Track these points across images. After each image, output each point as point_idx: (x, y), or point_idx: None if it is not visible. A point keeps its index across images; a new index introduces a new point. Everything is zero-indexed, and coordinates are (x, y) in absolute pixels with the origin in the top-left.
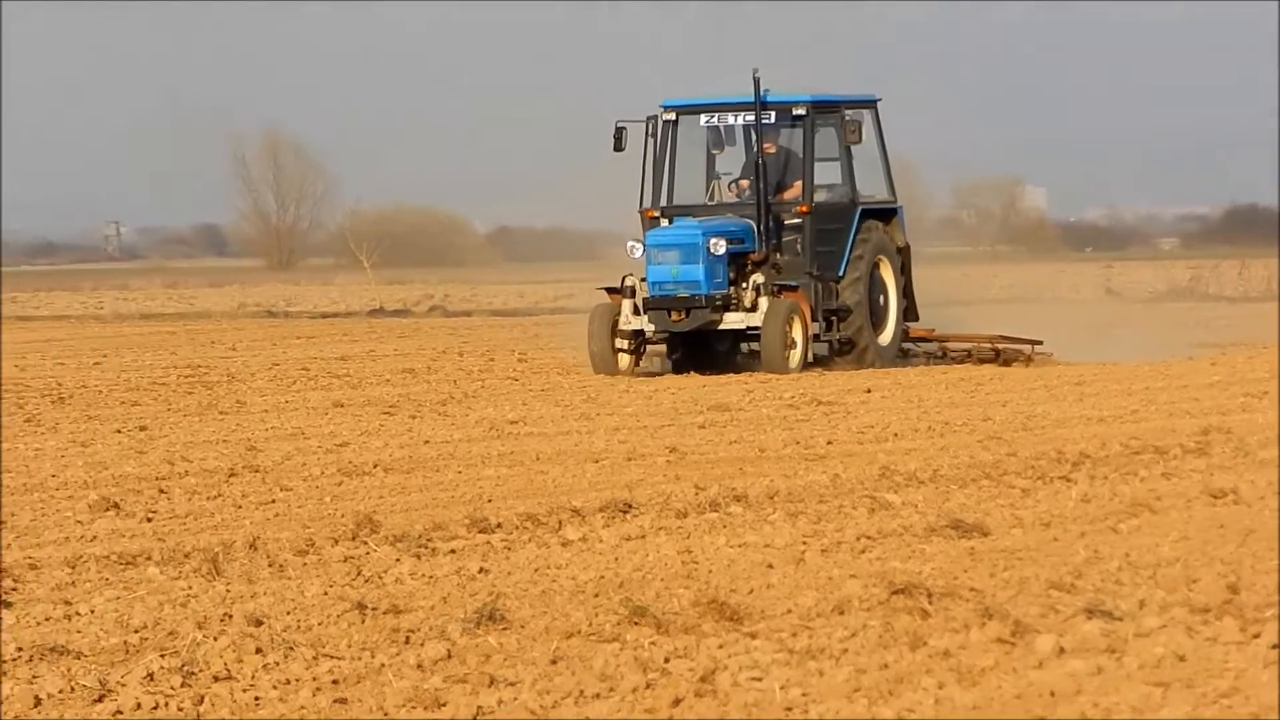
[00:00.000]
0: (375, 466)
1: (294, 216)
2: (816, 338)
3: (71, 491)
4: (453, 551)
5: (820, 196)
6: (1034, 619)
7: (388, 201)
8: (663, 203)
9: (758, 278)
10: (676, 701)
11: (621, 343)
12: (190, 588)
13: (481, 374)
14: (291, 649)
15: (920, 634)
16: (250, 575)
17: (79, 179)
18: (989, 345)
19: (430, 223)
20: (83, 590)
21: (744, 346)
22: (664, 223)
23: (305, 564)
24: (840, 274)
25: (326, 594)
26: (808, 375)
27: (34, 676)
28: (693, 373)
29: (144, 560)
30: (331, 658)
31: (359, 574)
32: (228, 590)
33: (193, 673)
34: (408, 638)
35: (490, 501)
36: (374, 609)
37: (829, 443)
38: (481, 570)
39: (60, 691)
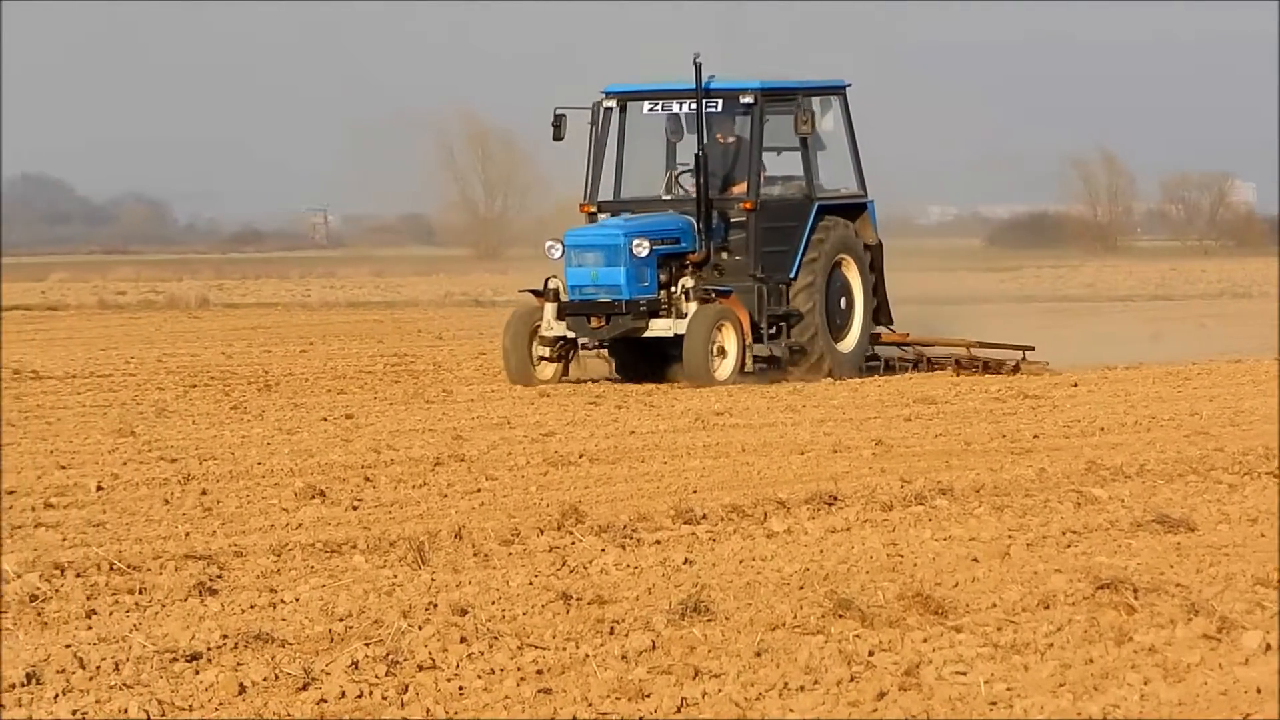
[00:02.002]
0: (581, 456)
1: (501, 206)
2: (763, 343)
3: (277, 479)
4: (658, 542)
5: (774, 191)
6: (1240, 615)
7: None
8: (610, 197)
9: (687, 281)
10: (881, 695)
11: (542, 350)
12: (395, 576)
13: None
14: (496, 639)
15: (1125, 629)
16: (455, 564)
17: (286, 166)
18: (967, 352)
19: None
20: (288, 578)
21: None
22: (603, 218)
23: (510, 554)
24: (792, 276)
25: (531, 584)
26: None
27: (238, 664)
28: (644, 382)
29: (349, 548)
30: (536, 648)
31: (564, 564)
32: (433, 579)
33: (397, 662)
34: (612, 628)
35: (695, 492)
36: (579, 599)
37: (1035, 436)
38: (686, 561)
39: (264, 679)
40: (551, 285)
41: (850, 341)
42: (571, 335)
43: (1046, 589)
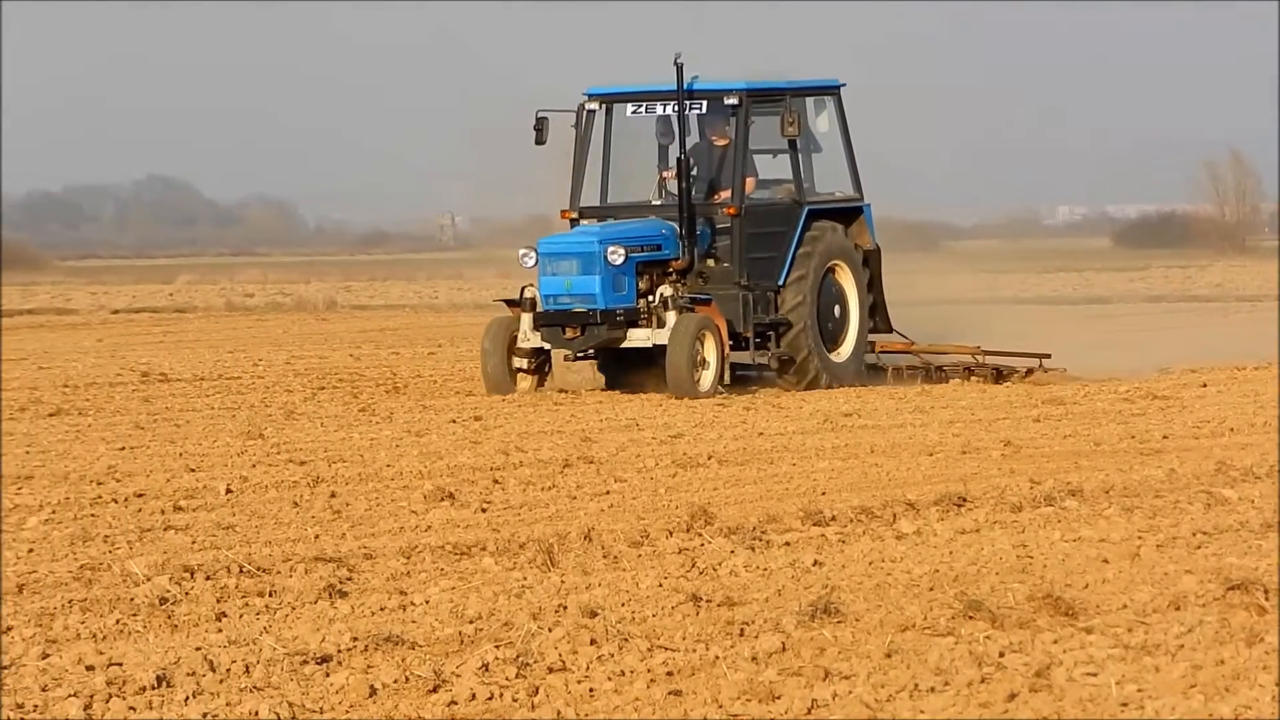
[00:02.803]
0: (709, 458)
1: None
2: (743, 349)
3: (407, 481)
4: (787, 544)
5: (762, 195)
6: None
7: None
8: (596, 202)
9: (665, 289)
10: (1011, 696)
11: (520, 361)
12: (525, 579)
13: None
14: (626, 641)
15: (1257, 630)
16: (585, 566)
17: (412, 169)
18: (976, 359)
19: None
20: (418, 580)
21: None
22: (584, 223)
23: (640, 555)
24: (781, 283)
25: (661, 586)
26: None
27: (369, 666)
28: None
29: (479, 551)
30: (666, 650)
31: (694, 566)
32: (562, 581)
33: (527, 664)
34: (742, 630)
35: (824, 494)
36: (708, 601)
37: (1164, 437)
38: (816, 563)
39: (395, 682)
40: (528, 295)
41: (845, 350)
42: (548, 346)
43: (1177, 590)
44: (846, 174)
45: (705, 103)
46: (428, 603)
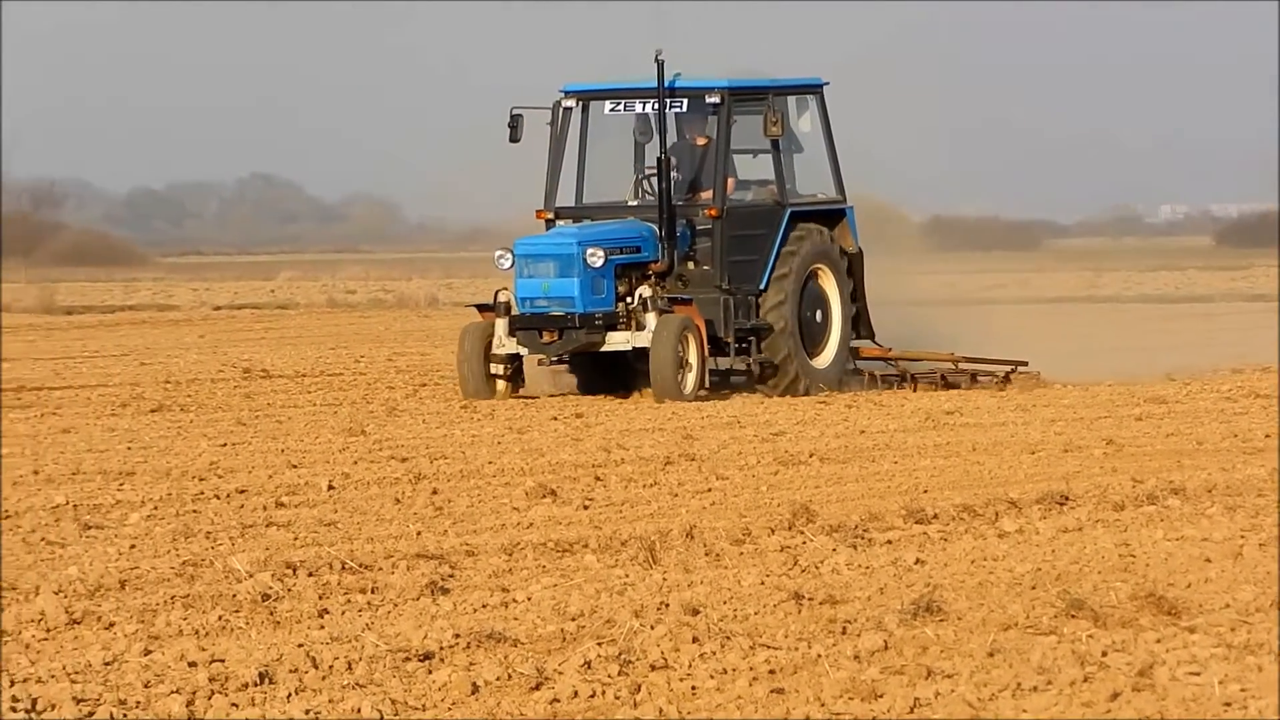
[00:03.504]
0: (811, 455)
1: None
2: (724, 354)
3: (508, 478)
4: (889, 542)
5: (744, 197)
6: None
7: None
8: (571, 202)
9: (644, 290)
10: (1114, 695)
11: (497, 367)
12: (627, 576)
13: None
14: (728, 638)
15: None
16: (687, 564)
17: (512, 166)
18: (952, 366)
19: (861, 210)
20: (520, 577)
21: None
22: (561, 224)
23: (741, 553)
24: (762, 287)
25: (763, 583)
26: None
27: (471, 664)
28: (603, 395)
29: (581, 548)
30: (768, 647)
31: (795, 564)
32: (664, 579)
33: (630, 661)
34: (844, 628)
35: (926, 492)
36: (810, 599)
37: (1267, 436)
38: (918, 561)
39: (497, 679)
40: (502, 298)
41: (827, 356)
42: (524, 351)
43: None
44: (828, 175)
45: (686, 101)
46: (530, 600)
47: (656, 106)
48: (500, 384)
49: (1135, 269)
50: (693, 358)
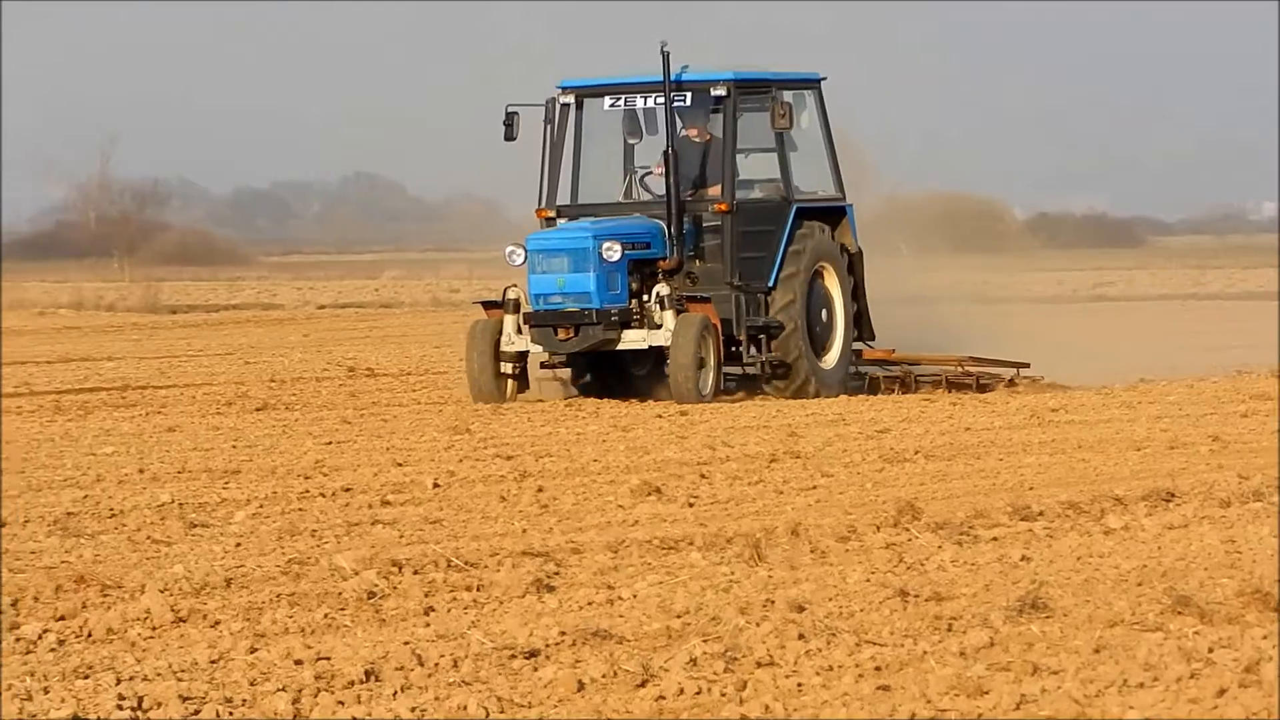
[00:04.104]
0: (916, 453)
1: None
2: (736, 359)
3: (613, 476)
4: (995, 539)
5: (750, 193)
6: None
7: (923, 187)
8: (567, 201)
9: (661, 288)
10: (1221, 692)
11: (506, 366)
12: (732, 573)
13: None
14: (834, 635)
15: None
16: (792, 561)
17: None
18: (959, 369)
19: (965, 208)
20: (625, 575)
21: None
22: (561, 223)
23: (847, 550)
24: (771, 285)
25: (868, 580)
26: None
27: (577, 661)
28: (607, 399)
29: (686, 545)
30: (874, 644)
31: (901, 561)
32: (770, 576)
33: (735, 658)
34: (950, 625)
35: (1032, 489)
36: (916, 596)
37: None
38: (1024, 558)
39: (603, 676)
40: (511, 295)
41: (833, 358)
42: (538, 349)
43: None
44: (828, 173)
45: (690, 95)
46: (635, 597)
47: (659, 101)
48: (510, 384)
49: (1238, 266)
50: (711, 358)
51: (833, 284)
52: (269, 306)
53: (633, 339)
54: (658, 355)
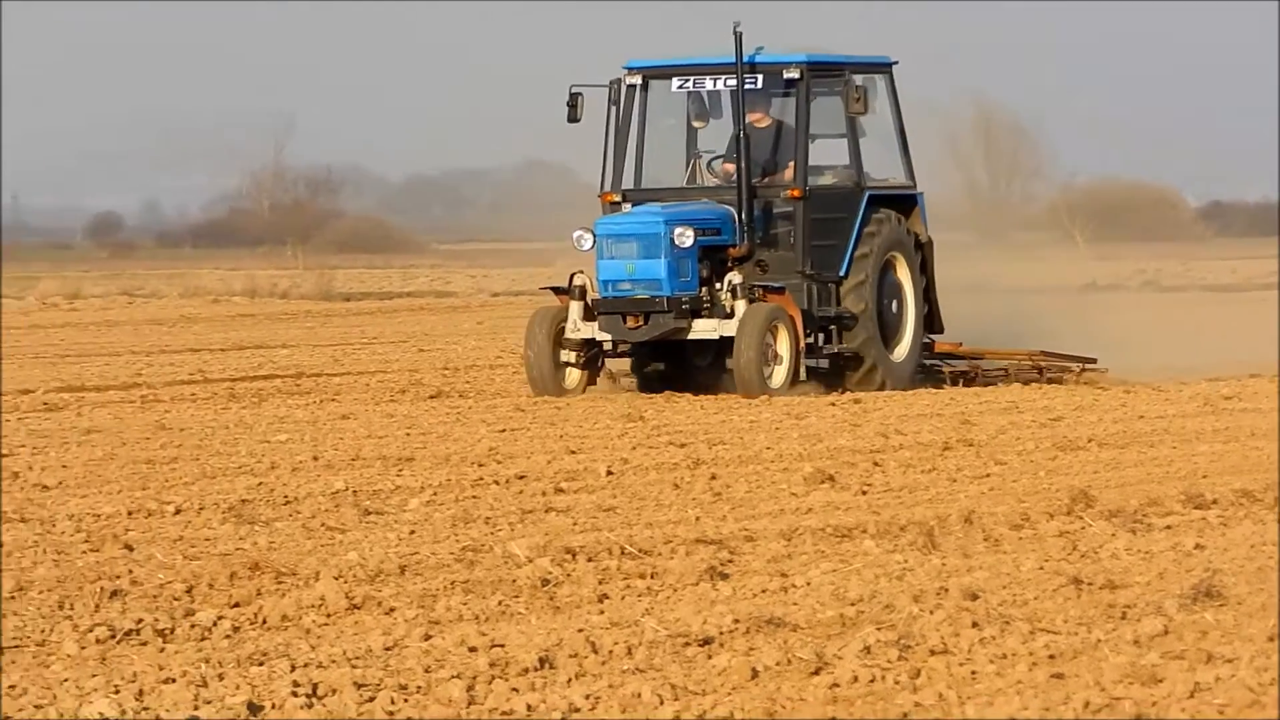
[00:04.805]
0: (1089, 441)
1: (1004, 191)
2: (811, 350)
3: (786, 464)
4: (1168, 527)
5: (821, 179)
6: None
7: (1102, 174)
8: (630, 185)
9: (734, 277)
10: None
11: (569, 355)
12: (905, 561)
13: None
14: (1008, 623)
15: None
16: (965, 549)
17: None
18: (1029, 363)
19: (1141, 196)
20: (798, 563)
21: (730, 360)
22: (626, 208)
23: (1020, 538)
24: (842, 274)
25: (1042, 569)
26: None
27: (750, 649)
28: (668, 392)
29: (859, 533)
30: (1048, 632)
31: (1074, 549)
32: (943, 564)
33: (909, 646)
34: (1124, 613)
35: (1205, 477)
36: (1090, 584)
37: None
38: (1197, 546)
39: (777, 664)
40: (578, 281)
41: (903, 350)
42: (605, 337)
43: None
44: (898, 160)
45: (761, 77)
46: (809, 585)
47: (729, 83)
48: (574, 373)
49: None
50: (784, 349)
51: (904, 275)
52: (443, 294)
53: (703, 329)
54: (720, 346)
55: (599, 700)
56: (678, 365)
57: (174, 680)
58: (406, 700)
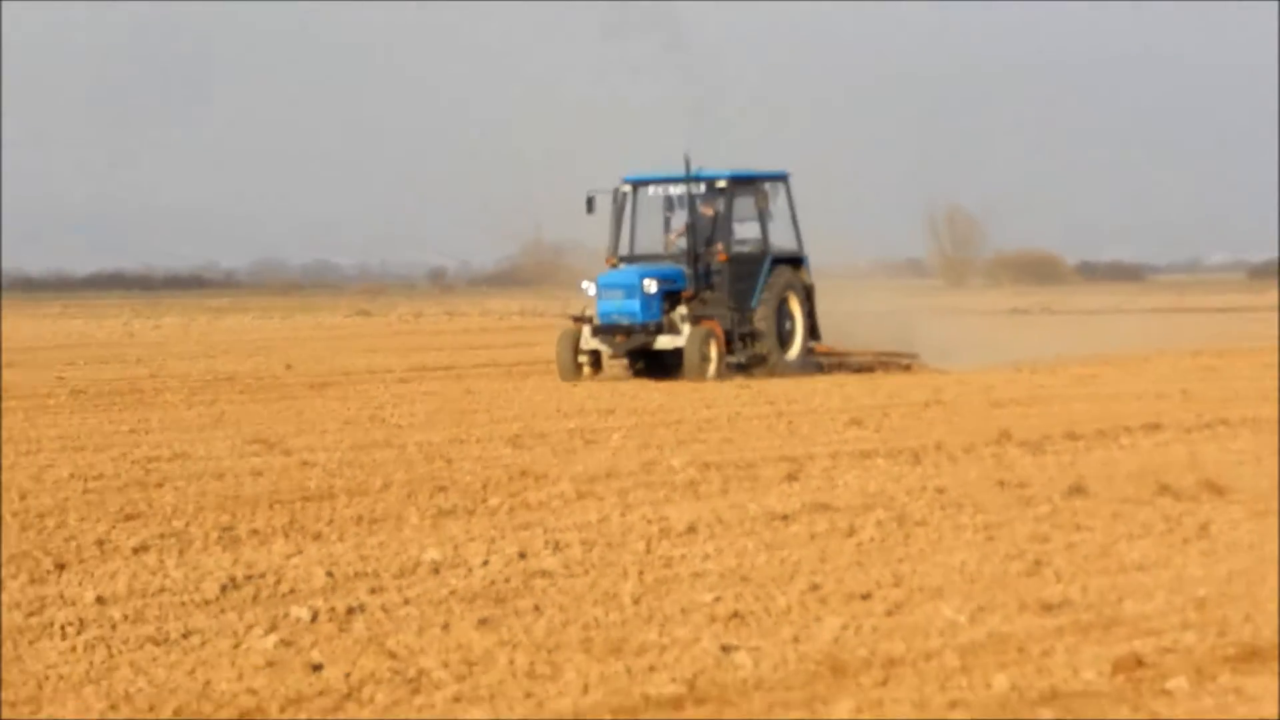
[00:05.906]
0: (1010, 401)
1: (961, 253)
2: (732, 353)
3: (832, 414)
4: (1056, 452)
5: (741, 248)
6: None
7: (1019, 245)
8: (624, 252)
9: (682, 309)
10: None
11: (583, 358)
12: (902, 471)
13: None
14: (960, 507)
15: None
16: (936, 464)
17: None
18: (871, 358)
19: (1041, 258)
20: (839, 471)
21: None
22: (622, 266)
23: (968, 457)
24: (754, 305)
25: (981, 475)
26: None
27: (810, 521)
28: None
29: (875, 455)
30: (983, 513)
31: (1000, 464)
32: (924, 473)
33: (903, 520)
34: (1028, 501)
35: (1077, 423)
36: (1007, 484)
37: None
38: (1072, 463)
39: (825, 530)
40: (587, 313)
41: (794, 352)
42: (603, 348)
43: None
44: (792, 235)
45: (705, 185)
46: (845, 484)
47: (682, 190)
48: (586, 369)
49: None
50: (713, 354)
51: (795, 305)
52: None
53: (664, 342)
54: (676, 353)
55: (722, 551)
56: (658, 363)
57: (475, 540)
58: (609, 548)
